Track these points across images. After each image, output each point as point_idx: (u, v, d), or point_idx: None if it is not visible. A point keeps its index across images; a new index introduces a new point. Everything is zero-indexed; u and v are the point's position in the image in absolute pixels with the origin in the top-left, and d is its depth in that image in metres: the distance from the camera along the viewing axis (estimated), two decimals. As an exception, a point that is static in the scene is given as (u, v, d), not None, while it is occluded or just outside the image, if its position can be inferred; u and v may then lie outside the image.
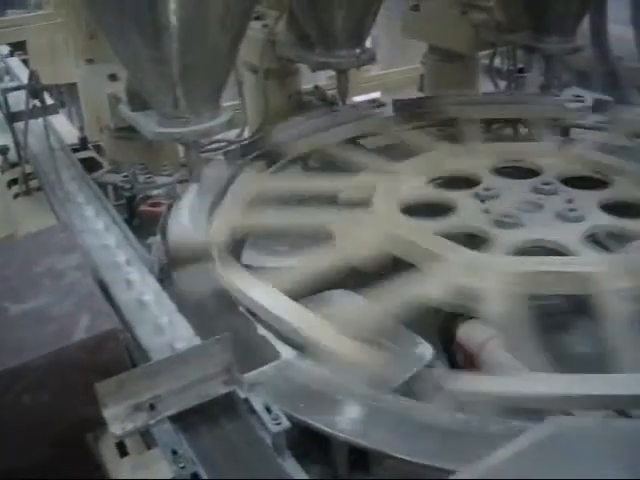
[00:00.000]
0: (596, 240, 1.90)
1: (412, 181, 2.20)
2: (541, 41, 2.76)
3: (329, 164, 2.44)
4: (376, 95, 4.14)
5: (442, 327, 1.66)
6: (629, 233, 1.87)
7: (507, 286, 1.65)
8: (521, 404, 1.34)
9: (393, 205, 2.01)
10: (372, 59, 2.67)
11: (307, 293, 1.70)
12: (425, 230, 1.89)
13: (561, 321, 1.76)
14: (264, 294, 1.65)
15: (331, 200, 2.13)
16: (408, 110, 2.73)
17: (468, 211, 2.02)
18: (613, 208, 2.04)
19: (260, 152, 2.44)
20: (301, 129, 2.54)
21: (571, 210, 1.96)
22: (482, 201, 2.05)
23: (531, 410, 1.32)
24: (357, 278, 1.78)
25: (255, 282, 1.70)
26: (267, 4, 2.83)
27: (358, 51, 2.60)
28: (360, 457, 1.39)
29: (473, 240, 1.90)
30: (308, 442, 1.38)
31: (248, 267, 1.86)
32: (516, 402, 1.35)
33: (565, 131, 2.65)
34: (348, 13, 2.49)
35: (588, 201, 2.04)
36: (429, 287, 1.66)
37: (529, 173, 2.26)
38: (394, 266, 1.81)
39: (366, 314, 1.60)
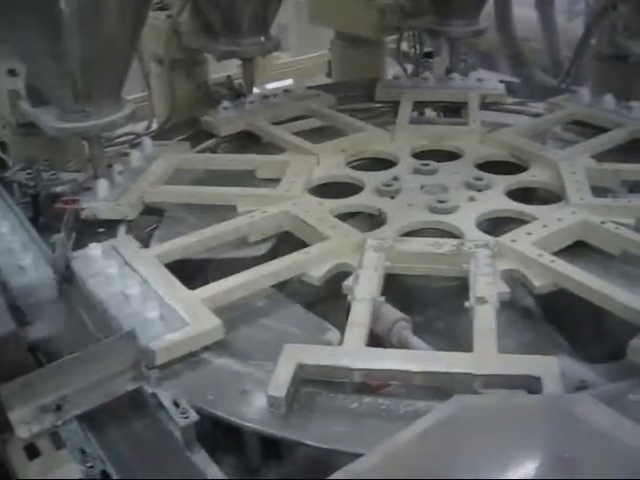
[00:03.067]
0: (497, 224, 1.93)
1: (330, 162, 2.21)
2: (445, 25, 2.79)
3: (256, 144, 2.46)
4: (288, 82, 4.17)
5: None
6: (527, 218, 1.90)
7: (382, 265, 1.67)
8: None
9: (299, 184, 2.03)
10: (277, 47, 2.67)
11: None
12: (321, 209, 1.92)
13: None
14: (149, 269, 1.65)
15: (250, 178, 2.16)
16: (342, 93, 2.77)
17: (372, 191, 2.04)
18: (521, 193, 2.08)
19: (188, 133, 2.48)
20: (233, 111, 2.54)
21: (475, 192, 2.00)
22: (389, 183, 2.05)
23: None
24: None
25: (144, 256, 1.71)
26: (171, -6, 2.81)
27: (263, 39, 2.59)
28: (273, 446, 1.41)
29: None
30: (221, 434, 1.38)
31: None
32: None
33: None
34: (251, 1, 2.48)
35: (496, 185, 2.06)
36: (312, 264, 1.69)
37: (451, 156, 2.28)
38: (289, 243, 1.84)
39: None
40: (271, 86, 3.74)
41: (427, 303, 1.84)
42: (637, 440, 1.06)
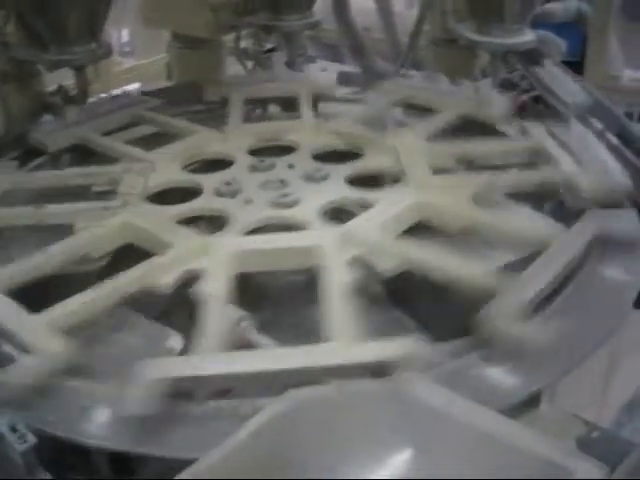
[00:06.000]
0: (342, 213, 1.95)
1: (166, 167, 2.17)
2: (278, 20, 2.80)
3: (89, 157, 2.37)
4: (135, 86, 4.10)
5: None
6: (368, 203, 1.91)
7: (228, 266, 1.67)
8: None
9: (135, 193, 1.99)
10: (109, 53, 2.61)
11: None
12: (160, 217, 1.89)
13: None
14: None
15: (84, 193, 2.09)
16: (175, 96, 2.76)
17: (211, 194, 2.02)
18: (361, 180, 2.10)
19: (18, 151, 2.38)
20: (63, 123, 2.46)
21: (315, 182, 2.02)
22: (228, 183, 2.04)
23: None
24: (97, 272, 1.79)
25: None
26: (-6, 5, 2.70)
27: (94, 46, 2.53)
28: (123, 461, 1.38)
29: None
30: (71, 454, 1.35)
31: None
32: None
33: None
34: (77, 8, 2.42)
35: (336, 174, 2.08)
36: (157, 273, 1.66)
37: (287, 151, 2.29)
38: (134, 255, 1.78)
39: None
40: (116, 92, 3.66)
41: (277, 299, 1.85)
42: (468, 416, 1.09)
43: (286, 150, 2.29)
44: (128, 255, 1.81)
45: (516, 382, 1.36)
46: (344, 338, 1.41)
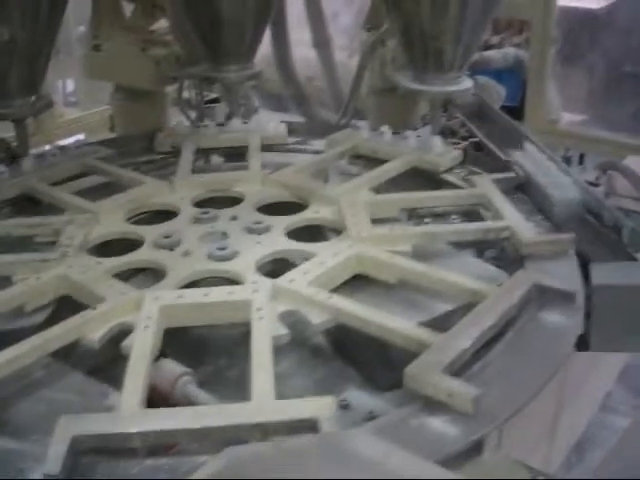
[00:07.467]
0: (282, 266, 1.94)
1: (110, 219, 2.16)
2: (219, 71, 2.80)
3: (37, 208, 2.36)
4: (79, 137, 4.08)
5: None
6: (307, 256, 1.92)
7: (160, 320, 1.65)
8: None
9: (75, 245, 1.97)
10: (49, 105, 2.61)
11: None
12: (97, 269, 1.87)
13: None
14: None
15: (31, 243, 2.08)
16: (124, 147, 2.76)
17: (151, 246, 2.01)
18: (310, 232, 2.12)
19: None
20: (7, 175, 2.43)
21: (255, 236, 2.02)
22: (167, 235, 2.03)
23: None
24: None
25: None
26: None
27: (33, 99, 2.52)
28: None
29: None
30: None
31: None
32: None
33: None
34: (16, 62, 2.41)
35: (277, 227, 2.08)
36: (89, 328, 1.64)
37: (233, 202, 2.29)
38: (71, 308, 1.77)
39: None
40: (63, 143, 3.63)
41: (218, 352, 1.83)
42: (406, 467, 1.09)
43: (233, 201, 2.29)
44: (71, 308, 1.78)
45: (456, 432, 1.35)
46: (267, 395, 1.41)
